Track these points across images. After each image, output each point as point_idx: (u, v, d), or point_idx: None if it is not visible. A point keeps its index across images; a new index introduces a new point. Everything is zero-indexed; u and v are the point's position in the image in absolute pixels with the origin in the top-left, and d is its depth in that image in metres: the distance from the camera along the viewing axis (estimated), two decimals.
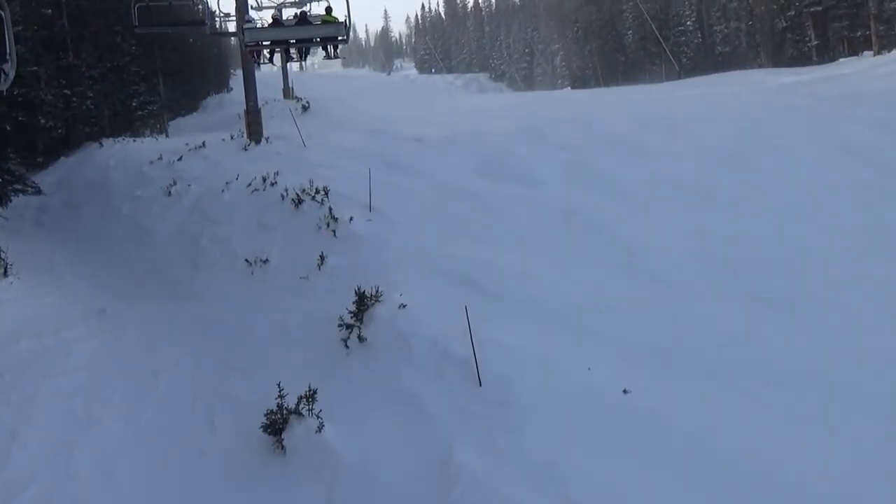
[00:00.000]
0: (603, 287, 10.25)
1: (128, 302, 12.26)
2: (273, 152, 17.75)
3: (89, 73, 24.34)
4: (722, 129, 18.62)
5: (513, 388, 7.54)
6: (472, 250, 11.45)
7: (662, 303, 9.73)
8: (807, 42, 37.64)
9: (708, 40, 45.74)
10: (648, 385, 7.71)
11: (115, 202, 16.33)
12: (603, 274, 10.73)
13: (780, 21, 38.42)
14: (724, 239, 12.15)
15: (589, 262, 11.21)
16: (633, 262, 11.10)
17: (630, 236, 12.19)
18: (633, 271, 10.75)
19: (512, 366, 7.99)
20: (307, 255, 11.93)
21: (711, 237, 12.28)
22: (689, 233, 12.45)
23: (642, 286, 10.26)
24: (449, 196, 14.17)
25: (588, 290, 10.13)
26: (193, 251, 13.40)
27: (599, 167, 15.96)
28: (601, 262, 11.23)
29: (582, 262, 11.22)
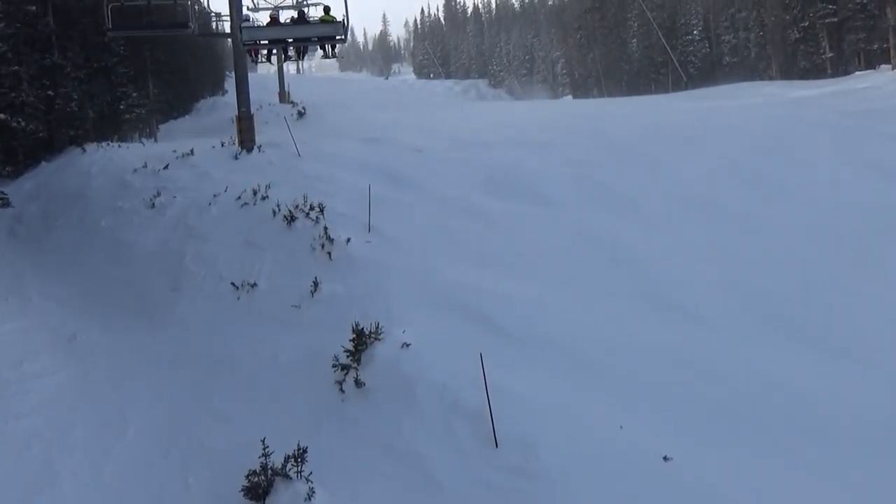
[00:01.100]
0: (627, 324, 9.21)
1: (101, 327, 11.18)
2: (265, 162, 16.68)
3: (75, 74, 23.19)
4: (741, 143, 17.65)
5: (534, 452, 6.50)
6: (481, 278, 10.41)
7: (695, 344, 8.71)
8: (821, 54, 36.67)
9: (715, 50, 44.72)
10: (690, 447, 6.69)
11: (95, 213, 15.21)
12: (625, 308, 9.70)
13: (793, 32, 37.42)
14: (755, 267, 11.15)
15: (609, 293, 10.17)
16: (658, 295, 10.07)
17: (652, 263, 11.16)
18: (659, 305, 9.72)
19: (532, 422, 6.95)
20: (299, 279, 10.88)
21: (741, 265, 11.27)
22: (715, 259, 11.44)
23: (670, 324, 9.23)
24: (454, 214, 13.14)
25: (611, 326, 9.09)
26: (175, 271, 12.31)
27: (612, 183, 14.96)
28: (622, 293, 10.20)
29: (601, 293, 10.18)
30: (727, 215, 13.37)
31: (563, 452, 6.49)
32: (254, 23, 17.90)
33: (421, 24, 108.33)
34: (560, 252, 11.59)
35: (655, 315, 9.43)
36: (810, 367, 8.88)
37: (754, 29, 42.28)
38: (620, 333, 8.82)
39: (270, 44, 17.71)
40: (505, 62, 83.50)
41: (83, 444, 7.92)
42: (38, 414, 8.43)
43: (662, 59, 46.59)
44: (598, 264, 11.17)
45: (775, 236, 12.55)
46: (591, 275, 10.78)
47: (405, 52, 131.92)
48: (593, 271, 10.90)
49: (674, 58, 41.50)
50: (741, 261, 11.49)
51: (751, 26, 42.78)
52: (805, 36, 37.08)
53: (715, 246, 12.12)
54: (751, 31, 42.93)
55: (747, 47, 43.47)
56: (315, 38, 16.56)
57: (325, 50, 19.20)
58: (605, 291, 10.21)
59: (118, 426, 8.31)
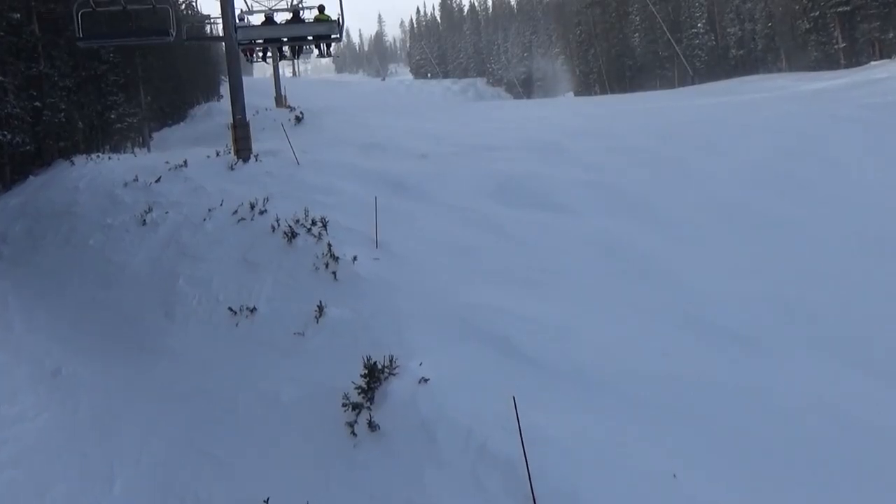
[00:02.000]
0: (667, 349, 8.32)
1: (88, 359, 10.32)
2: (262, 172, 15.79)
3: (63, 83, 22.33)
4: (764, 142, 16.78)
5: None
6: (501, 297, 9.53)
7: (749, 373, 7.82)
8: (833, 44, 35.68)
9: (720, 43, 43.67)
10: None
11: (83, 231, 14.33)
12: (664, 330, 8.81)
13: (803, 22, 36.45)
14: (799, 280, 10.25)
15: (642, 313, 9.28)
16: (698, 314, 9.18)
17: (684, 277, 10.28)
18: (701, 326, 8.83)
19: (571, 472, 6.08)
20: (302, 303, 10.01)
21: (781, 277, 10.38)
22: (751, 271, 10.55)
23: (717, 348, 8.34)
24: (465, 225, 12.27)
25: (649, 353, 8.21)
26: (168, 294, 11.44)
27: (630, 188, 14.09)
28: (656, 312, 9.31)
29: (633, 313, 9.30)
30: (758, 222, 12.48)
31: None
32: (248, 23, 17.77)
33: (417, 24, 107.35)
34: (583, 266, 10.72)
35: (699, 338, 8.54)
36: (882, 400, 7.93)
37: (761, 20, 41.27)
38: (664, 361, 7.94)
39: (265, 43, 17.76)
40: (503, 60, 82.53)
41: (64, 502, 7.05)
42: (16, 466, 7.56)
43: (667, 54, 45.55)
44: (627, 279, 10.29)
45: (814, 244, 11.66)
46: (620, 291, 9.90)
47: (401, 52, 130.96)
48: (622, 287, 10.02)
49: (679, 52, 40.47)
50: (781, 273, 10.60)
51: (757, 17, 41.76)
52: (816, 26, 36.10)
53: (749, 256, 11.24)
54: (757, 23, 41.92)
55: (754, 39, 42.44)
56: (310, 38, 16.33)
57: (321, 49, 19.10)
58: (638, 311, 9.33)
59: (104, 480, 7.45)
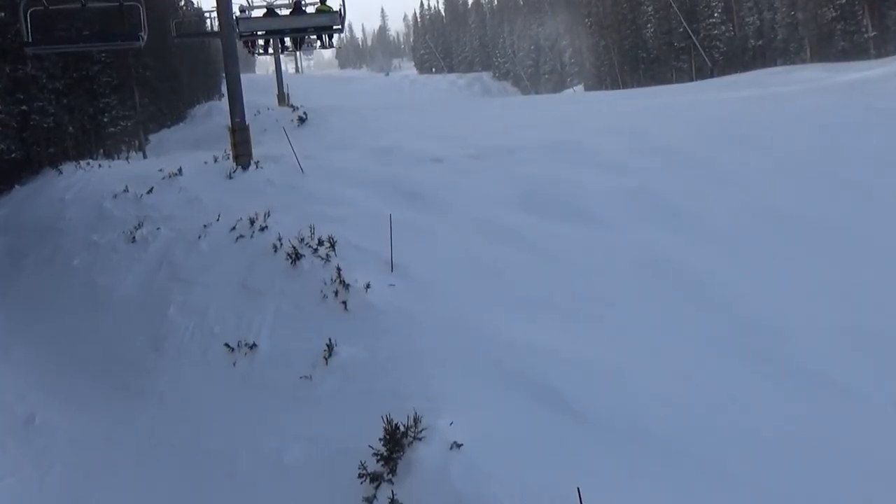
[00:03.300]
0: (739, 395, 7.05)
1: (66, 403, 9.14)
2: (263, 181, 14.56)
3: (52, 86, 21.09)
4: (805, 138, 15.43)
5: None
6: (537, 332, 8.27)
7: (852, 430, 6.52)
8: (862, 33, 34.12)
9: (739, 33, 42.06)
10: None
11: (68, 250, 13.13)
12: (729, 370, 7.54)
13: (829, 10, 34.90)
14: (873, 305, 8.94)
15: (702, 349, 8.01)
16: (766, 350, 7.89)
17: (744, 303, 8.99)
18: (772, 366, 7.54)
19: None
20: (309, 338, 8.78)
21: (855, 302, 9.08)
22: (820, 294, 9.24)
23: (796, 393, 7.06)
24: (490, 241, 10.98)
25: (719, 401, 6.95)
26: (157, 325, 10.22)
27: (669, 195, 12.77)
28: (718, 347, 8.04)
29: (691, 349, 8.03)
30: (826, 234, 11.13)
31: None
32: (250, 14, 17.09)
33: (421, 18, 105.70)
34: (626, 290, 9.43)
35: (775, 382, 7.26)
36: None
37: (781, 8, 39.69)
38: (739, 413, 6.67)
39: (267, 35, 17.25)
40: (509, 53, 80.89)
41: None
42: None
43: (682, 45, 43.93)
44: (677, 305, 9.00)
45: (878, 258, 10.34)
46: (671, 321, 8.62)
47: (405, 46, 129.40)
48: (673, 316, 8.74)
49: (697, 43, 38.93)
50: (850, 295, 9.31)
51: (777, 6, 40.17)
52: (843, 14, 34.55)
53: (811, 274, 9.93)
54: (777, 11, 40.35)
55: (773, 29, 40.86)
56: (312, 29, 16.20)
57: (323, 41, 19.18)
58: (696, 345, 8.06)
59: None
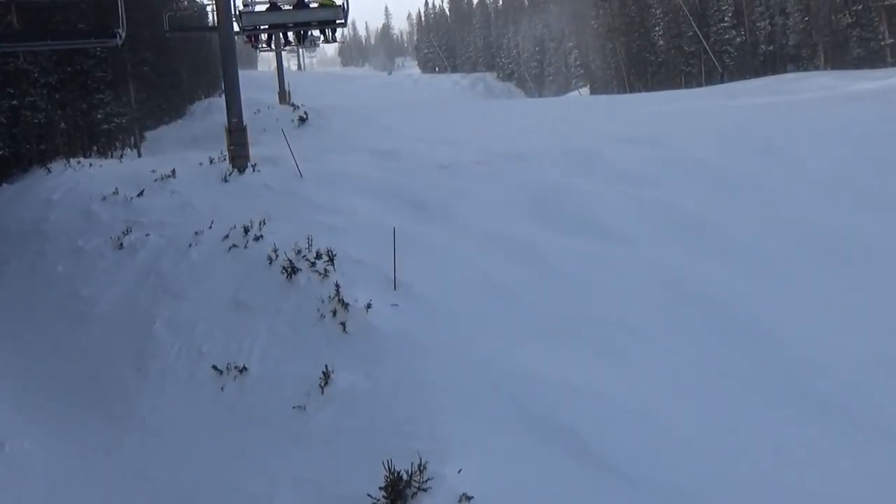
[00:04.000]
0: (786, 444, 6.30)
1: (41, 429, 8.40)
2: (260, 185, 13.83)
3: (44, 80, 20.34)
4: (829, 150, 14.68)
5: None
6: (557, 362, 7.53)
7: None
8: (879, 40, 33.33)
9: (749, 38, 41.20)
10: None
11: (52, 256, 12.39)
12: (771, 412, 6.80)
13: (845, 16, 34.15)
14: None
15: (739, 387, 7.27)
16: (812, 391, 7.14)
17: (782, 334, 8.23)
18: (821, 410, 6.79)
19: None
20: (304, 363, 8.06)
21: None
22: (868, 328, 8.44)
23: (857, 445, 6.30)
24: (500, 257, 10.23)
25: (764, 453, 6.20)
26: (142, 342, 9.48)
27: (692, 210, 12.02)
28: (756, 386, 7.29)
29: (726, 386, 7.28)
30: (845, 252, 10.38)
31: None
32: (253, 8, 16.75)
33: (425, 17, 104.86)
34: (650, 316, 8.68)
35: (822, 428, 6.51)
36: None
37: (793, 13, 38.87)
38: (793, 472, 5.91)
39: (270, 29, 17.14)
40: (514, 54, 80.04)
41: None
42: None
43: (692, 50, 43.07)
44: (708, 334, 8.26)
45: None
46: (703, 353, 7.87)
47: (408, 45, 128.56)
48: (705, 347, 8.00)
49: (708, 48, 38.11)
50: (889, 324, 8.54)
51: (789, 11, 39.36)
52: (858, 21, 33.76)
53: (855, 303, 9.11)
54: (789, 16, 39.52)
55: (785, 34, 40.03)
56: (315, 23, 16.36)
57: (326, 35, 19.55)
58: (732, 382, 7.31)
59: None
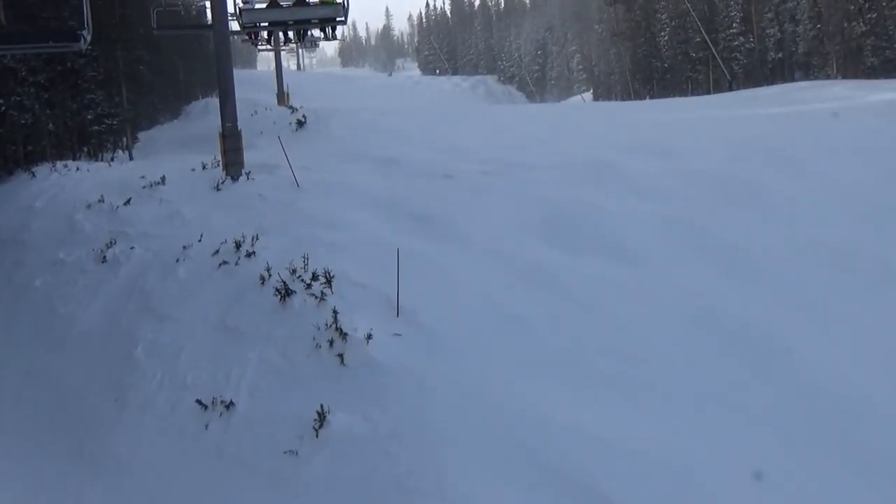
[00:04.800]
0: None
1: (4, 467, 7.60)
2: (254, 195, 13.05)
3: (33, 79, 19.55)
4: (855, 164, 13.97)
5: None
6: (578, 406, 6.79)
7: None
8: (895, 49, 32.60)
9: (758, 45, 40.46)
10: None
11: (30, 268, 11.62)
12: (826, 471, 6.05)
13: (859, 25, 33.46)
14: None
15: (783, 439, 6.53)
16: (863, 442, 6.40)
17: (825, 374, 7.50)
18: (879, 472, 6.04)
19: None
20: (297, 400, 7.32)
21: None
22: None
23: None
24: (512, 280, 9.47)
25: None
26: (122, 368, 8.72)
27: (714, 229, 11.29)
28: (803, 437, 6.56)
29: (767, 437, 6.55)
30: (882, 279, 9.67)
31: None
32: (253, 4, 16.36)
33: (426, 18, 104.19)
34: (677, 350, 7.95)
35: (883, 494, 5.77)
36: None
37: (804, 21, 38.18)
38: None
39: (270, 26, 16.95)
40: (515, 57, 79.35)
41: None
42: None
43: (699, 56, 42.33)
44: (743, 372, 7.53)
45: None
46: (739, 396, 7.14)
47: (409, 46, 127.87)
48: (740, 388, 7.27)
49: (716, 54, 37.37)
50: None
51: (799, 18, 38.68)
52: (873, 29, 33.05)
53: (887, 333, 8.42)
54: (798, 24, 38.83)
55: (795, 41, 39.33)
56: (315, 20, 16.13)
57: (326, 33, 19.57)
58: (774, 433, 6.57)
59: None
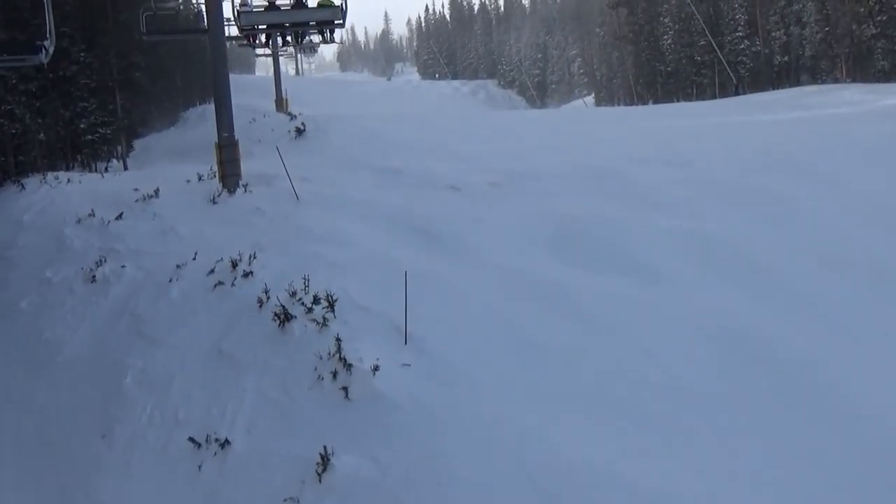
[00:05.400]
0: None
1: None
2: (252, 209, 12.48)
3: (24, 87, 18.98)
4: (877, 173, 13.46)
5: None
6: (597, 444, 6.23)
7: None
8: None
9: (764, 49, 39.86)
10: None
11: (15, 288, 11.02)
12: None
13: (869, 27, 32.92)
14: None
15: (833, 484, 5.93)
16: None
17: (871, 408, 6.92)
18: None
19: None
20: (298, 438, 6.73)
21: None
22: None
23: None
24: (525, 302, 8.89)
25: None
26: (110, 399, 8.14)
27: (736, 242, 10.75)
28: (856, 482, 5.96)
29: (814, 483, 5.95)
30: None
31: None
32: (251, 7, 16.31)
33: (425, 22, 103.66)
34: (705, 380, 7.38)
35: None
36: None
37: (810, 23, 37.63)
38: None
39: (268, 29, 16.93)
40: (516, 61, 78.78)
41: None
42: None
43: (704, 59, 41.71)
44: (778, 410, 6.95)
45: None
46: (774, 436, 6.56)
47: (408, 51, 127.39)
48: (776, 428, 6.68)
49: (722, 58, 36.80)
50: None
51: (805, 21, 38.14)
52: (883, 31, 32.46)
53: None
54: (805, 26, 38.29)
55: (801, 44, 38.77)
56: (313, 23, 16.19)
57: (324, 36, 19.64)
58: (812, 482, 5.98)
59: None
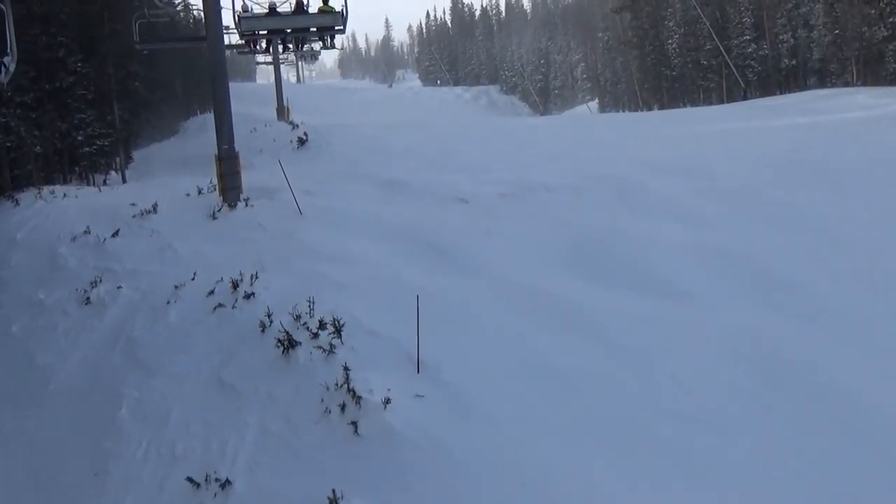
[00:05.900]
0: None
1: None
2: (253, 224, 12.00)
3: (20, 99, 18.58)
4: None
5: None
6: (628, 488, 5.69)
7: None
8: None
9: (771, 52, 39.33)
10: None
11: (7, 311, 10.56)
12: None
13: (880, 30, 32.41)
14: None
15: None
16: None
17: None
18: None
19: None
20: (304, 477, 6.23)
21: None
22: None
23: None
24: (542, 324, 8.35)
25: None
26: (103, 432, 7.64)
27: (763, 257, 10.23)
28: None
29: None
30: None
31: None
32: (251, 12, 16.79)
33: (426, 28, 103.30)
34: (742, 411, 6.86)
35: None
36: None
37: (818, 26, 37.12)
38: None
39: (269, 34, 16.97)
40: (518, 67, 78.34)
41: None
42: None
43: (711, 63, 41.17)
44: (823, 445, 6.41)
45: None
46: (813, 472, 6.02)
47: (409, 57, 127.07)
48: (817, 464, 6.14)
49: (730, 61, 36.30)
50: None
51: (813, 23, 37.63)
52: (895, 34, 31.91)
53: None
54: (813, 29, 37.77)
55: (809, 48, 38.26)
56: (314, 29, 16.26)
57: (325, 41, 19.49)
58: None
59: None
